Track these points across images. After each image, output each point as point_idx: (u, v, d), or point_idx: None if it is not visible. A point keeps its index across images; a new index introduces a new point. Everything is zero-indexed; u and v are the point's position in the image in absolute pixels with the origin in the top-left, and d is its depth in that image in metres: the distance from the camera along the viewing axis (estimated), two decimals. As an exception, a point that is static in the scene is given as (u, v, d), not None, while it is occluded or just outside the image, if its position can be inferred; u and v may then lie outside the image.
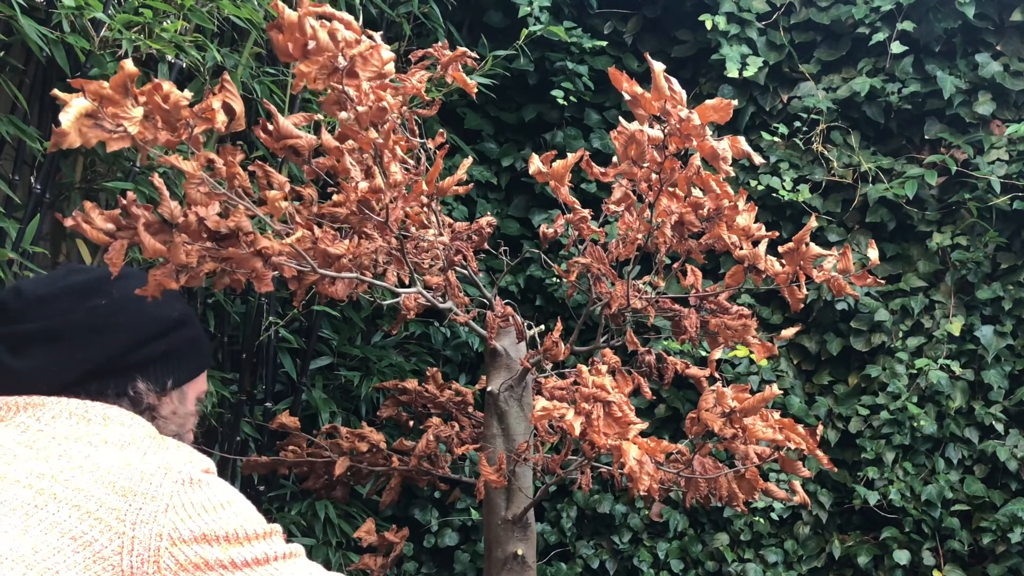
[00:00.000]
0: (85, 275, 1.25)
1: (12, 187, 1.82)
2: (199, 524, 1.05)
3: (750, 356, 3.12)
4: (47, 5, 1.76)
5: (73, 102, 1.07)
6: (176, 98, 1.15)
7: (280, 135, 1.35)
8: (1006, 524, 2.91)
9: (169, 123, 1.17)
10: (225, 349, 2.43)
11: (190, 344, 1.29)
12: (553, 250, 3.20)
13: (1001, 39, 3.23)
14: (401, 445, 2.19)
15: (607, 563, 3.12)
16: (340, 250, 1.45)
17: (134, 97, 1.12)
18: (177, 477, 1.06)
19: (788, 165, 3.29)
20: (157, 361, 1.23)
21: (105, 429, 1.11)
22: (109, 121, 1.10)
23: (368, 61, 1.23)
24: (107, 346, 1.18)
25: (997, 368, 3.04)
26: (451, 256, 1.82)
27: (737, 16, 3.30)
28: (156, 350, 1.23)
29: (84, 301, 1.20)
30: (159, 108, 1.15)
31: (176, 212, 1.26)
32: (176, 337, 1.26)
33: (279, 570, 1.12)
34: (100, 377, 1.18)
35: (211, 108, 1.20)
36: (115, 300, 1.21)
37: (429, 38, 3.03)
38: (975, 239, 3.14)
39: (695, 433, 1.73)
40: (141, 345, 1.21)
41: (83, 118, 1.08)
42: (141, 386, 1.21)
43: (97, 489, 1.02)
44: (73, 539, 0.99)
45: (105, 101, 1.09)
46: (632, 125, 1.63)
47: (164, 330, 1.25)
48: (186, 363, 1.28)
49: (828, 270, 1.78)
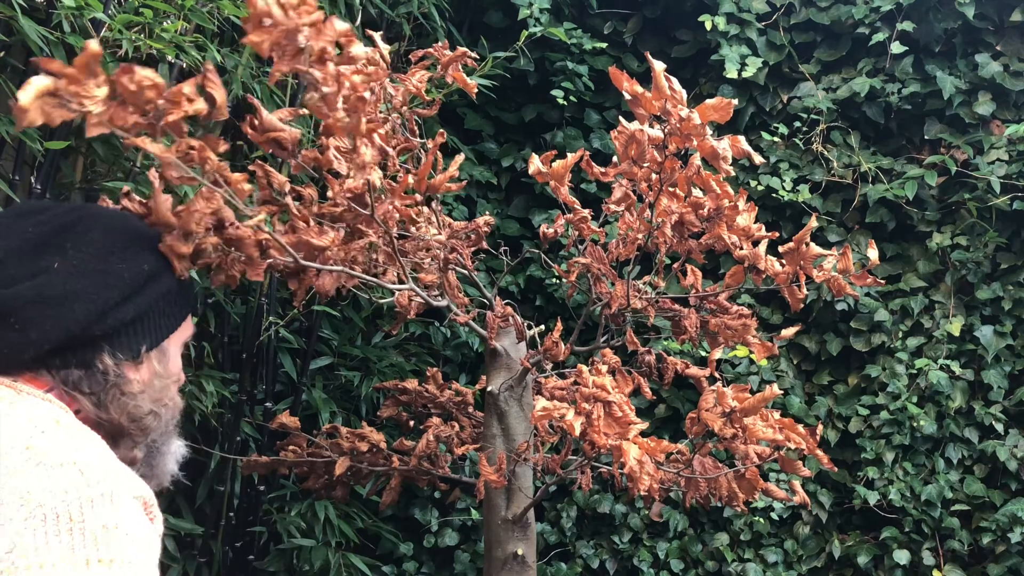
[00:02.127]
0: (37, 224, 1.06)
1: (12, 187, 1.82)
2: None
3: (750, 356, 3.12)
4: (47, 5, 1.76)
5: (32, 80, 1.04)
6: (140, 78, 1.12)
7: (264, 128, 1.34)
8: (1006, 524, 2.91)
9: (137, 106, 1.14)
10: (225, 349, 2.44)
11: (165, 299, 1.12)
12: (553, 250, 3.20)
13: (1001, 39, 3.23)
14: (401, 445, 2.19)
15: (607, 563, 3.12)
16: (324, 242, 1.44)
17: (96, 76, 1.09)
18: None
19: (788, 165, 3.29)
20: (126, 327, 1.06)
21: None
22: (74, 101, 1.06)
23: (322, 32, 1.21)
24: (66, 321, 1.01)
25: (997, 368, 3.04)
26: (447, 254, 1.82)
27: (737, 16, 3.30)
28: (125, 315, 1.06)
29: (33, 263, 1.02)
30: (125, 89, 1.12)
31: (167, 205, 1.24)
32: (148, 295, 1.09)
33: None
34: (62, 352, 1.02)
35: (180, 92, 1.17)
36: (71, 260, 1.04)
37: (429, 38, 3.03)
38: (975, 239, 3.14)
39: (695, 433, 1.73)
40: (106, 313, 1.04)
41: (46, 96, 1.06)
42: (108, 360, 1.04)
43: None
44: None
45: (68, 79, 1.07)
46: (632, 125, 1.63)
47: (133, 290, 1.07)
48: (162, 319, 1.12)
49: (828, 270, 1.78)
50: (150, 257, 1.12)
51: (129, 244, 1.10)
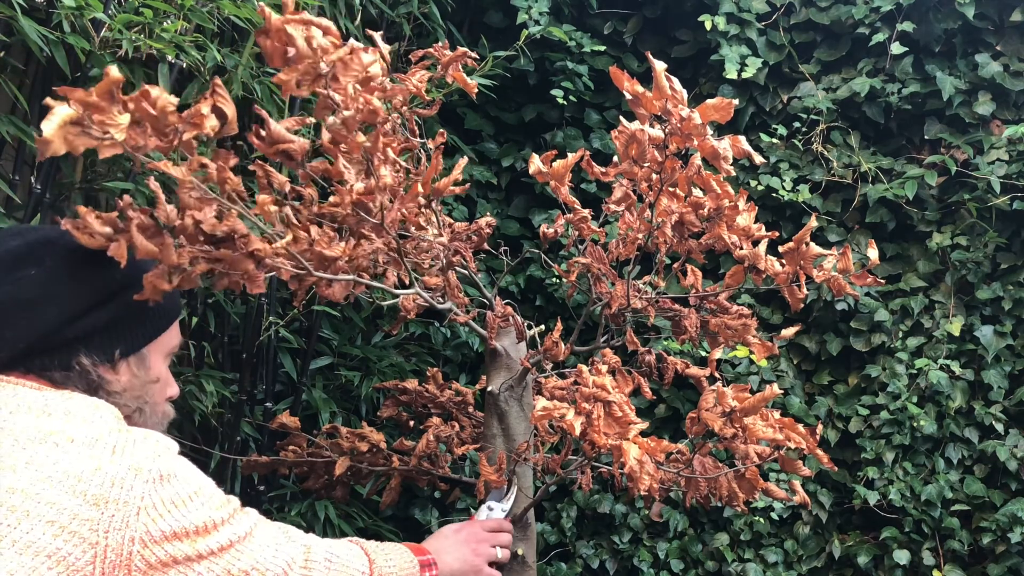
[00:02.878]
0: (22, 239, 1.16)
1: (12, 187, 1.82)
2: (170, 522, 1.05)
3: (750, 356, 3.12)
4: (47, 5, 1.76)
5: (56, 110, 1.06)
6: (164, 103, 1.13)
7: (273, 140, 1.34)
8: (1006, 524, 2.91)
9: (158, 129, 1.16)
10: (225, 349, 2.43)
11: (137, 309, 1.19)
12: (553, 250, 3.20)
13: (1001, 39, 3.23)
14: (401, 445, 2.19)
15: (607, 563, 3.12)
16: (336, 252, 1.45)
17: (121, 104, 1.11)
18: (147, 476, 1.04)
19: (788, 165, 3.29)
20: (100, 332, 1.15)
21: (68, 425, 1.05)
22: (96, 128, 1.09)
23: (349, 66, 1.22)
24: (39, 322, 1.10)
25: (997, 368, 3.04)
26: (450, 256, 1.82)
27: (737, 16, 3.30)
28: (98, 321, 1.15)
29: (13, 272, 1.12)
30: (147, 114, 1.14)
31: (172, 215, 1.25)
32: (120, 303, 1.17)
33: (241, 552, 1.13)
34: (40, 354, 1.11)
35: (200, 113, 1.18)
36: (48, 269, 1.13)
37: (429, 38, 3.03)
38: (975, 239, 3.14)
39: (695, 433, 1.73)
40: (78, 317, 1.13)
41: (69, 125, 1.07)
42: (85, 361, 1.13)
43: (70, 501, 1.00)
44: (48, 556, 0.98)
45: (91, 108, 1.08)
46: (633, 124, 1.63)
47: (105, 297, 1.16)
48: (137, 328, 1.20)
49: (828, 270, 1.78)
50: (125, 268, 1.17)
51: (102, 257, 1.16)
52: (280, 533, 1.23)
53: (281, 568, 1.19)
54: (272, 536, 1.21)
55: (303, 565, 1.25)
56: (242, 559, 1.13)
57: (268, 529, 1.21)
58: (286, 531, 1.26)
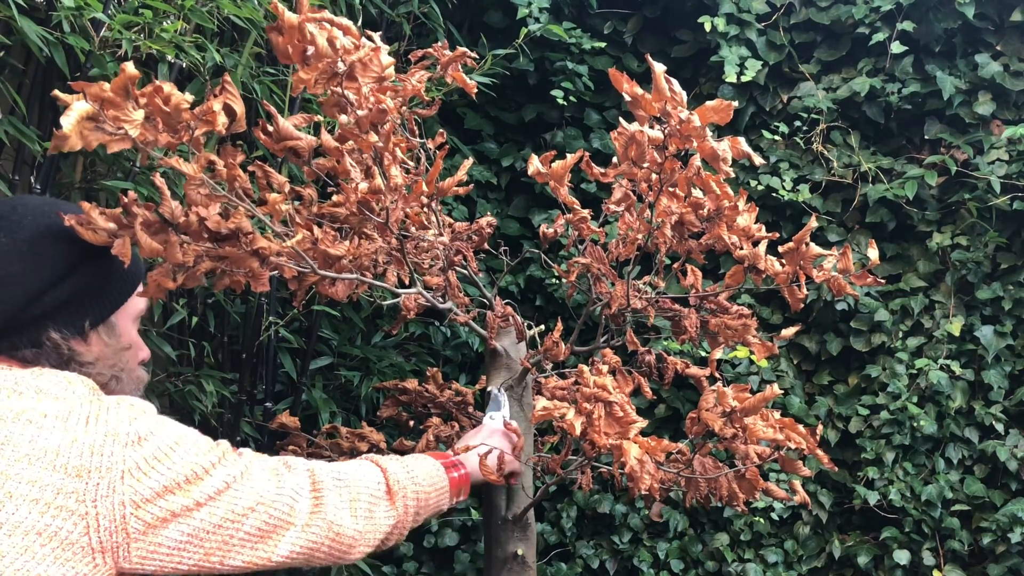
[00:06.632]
0: None
1: (12, 187, 1.82)
2: (156, 479, 1.04)
3: (750, 356, 3.12)
4: (47, 6, 1.76)
5: (74, 105, 1.07)
6: (177, 100, 1.14)
7: (280, 137, 1.35)
8: (1006, 524, 2.91)
9: (170, 125, 1.16)
10: (225, 349, 2.43)
11: (101, 277, 1.18)
12: (553, 250, 3.20)
13: (1001, 39, 3.23)
14: (401, 445, 2.19)
15: (607, 563, 3.12)
16: (340, 251, 1.45)
17: (135, 100, 1.11)
18: (125, 440, 1.04)
19: (788, 165, 3.29)
20: (66, 305, 1.14)
21: (41, 403, 1.04)
22: (110, 124, 1.10)
23: (368, 67, 1.23)
24: (3, 303, 1.09)
25: (997, 368, 3.04)
26: (451, 256, 1.82)
27: (737, 17, 3.30)
28: (60, 296, 1.13)
29: None
30: (160, 111, 1.15)
31: (177, 212, 1.25)
32: (82, 276, 1.16)
33: (239, 491, 1.12)
34: (9, 334, 1.10)
35: (212, 110, 1.19)
36: (3, 246, 1.11)
37: (429, 38, 3.03)
38: (975, 239, 3.14)
39: (695, 433, 1.73)
40: (42, 293, 1.12)
41: (84, 121, 1.08)
42: (55, 335, 1.12)
43: (51, 477, 0.99)
44: (39, 534, 0.98)
45: (106, 104, 1.09)
46: (632, 126, 1.63)
47: (65, 272, 1.14)
48: (103, 296, 1.19)
49: (828, 270, 1.77)
50: (82, 240, 1.16)
51: (61, 228, 1.15)
52: (280, 463, 1.21)
53: (289, 497, 1.18)
54: (272, 469, 1.19)
55: (312, 489, 1.23)
56: (243, 498, 1.12)
57: (266, 463, 1.19)
58: (286, 461, 1.23)
